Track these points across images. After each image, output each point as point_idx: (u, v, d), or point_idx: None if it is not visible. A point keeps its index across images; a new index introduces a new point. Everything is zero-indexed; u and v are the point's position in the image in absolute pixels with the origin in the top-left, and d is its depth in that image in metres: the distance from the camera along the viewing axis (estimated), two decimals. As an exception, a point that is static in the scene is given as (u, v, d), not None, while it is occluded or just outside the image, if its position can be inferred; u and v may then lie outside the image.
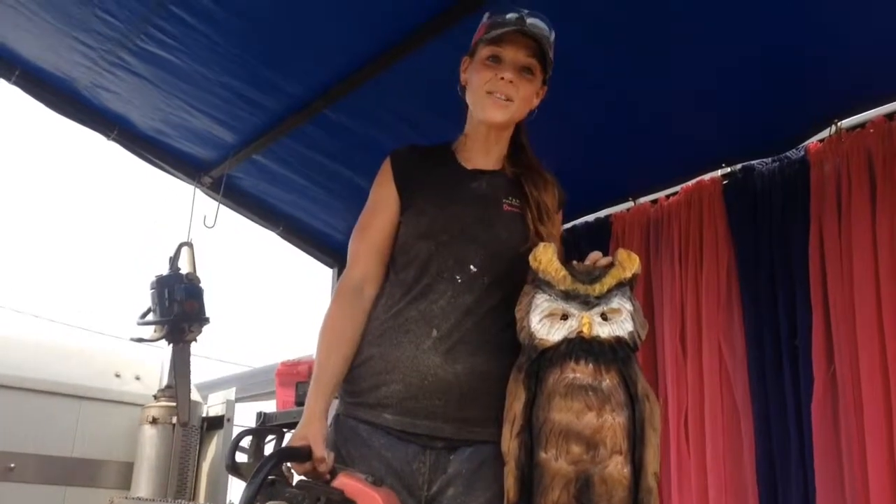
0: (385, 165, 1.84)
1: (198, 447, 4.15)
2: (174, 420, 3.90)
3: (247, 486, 1.47)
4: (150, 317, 3.57)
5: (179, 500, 2.51)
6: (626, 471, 1.52)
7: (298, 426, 1.59)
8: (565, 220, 2.08)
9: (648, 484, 1.52)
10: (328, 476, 1.54)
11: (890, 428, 2.40)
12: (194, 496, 3.90)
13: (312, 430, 1.57)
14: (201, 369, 5.36)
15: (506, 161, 1.85)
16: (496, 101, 1.75)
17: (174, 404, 3.89)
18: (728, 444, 2.84)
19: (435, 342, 1.65)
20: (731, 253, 2.93)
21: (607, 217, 3.42)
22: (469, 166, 1.83)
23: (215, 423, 4.32)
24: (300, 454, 1.54)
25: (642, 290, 3.13)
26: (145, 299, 3.63)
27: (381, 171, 1.84)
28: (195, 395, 4.26)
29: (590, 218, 3.49)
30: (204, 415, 4.25)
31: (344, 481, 1.52)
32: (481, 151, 1.84)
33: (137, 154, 3.65)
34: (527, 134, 1.90)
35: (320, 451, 1.55)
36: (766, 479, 2.74)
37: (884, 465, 2.38)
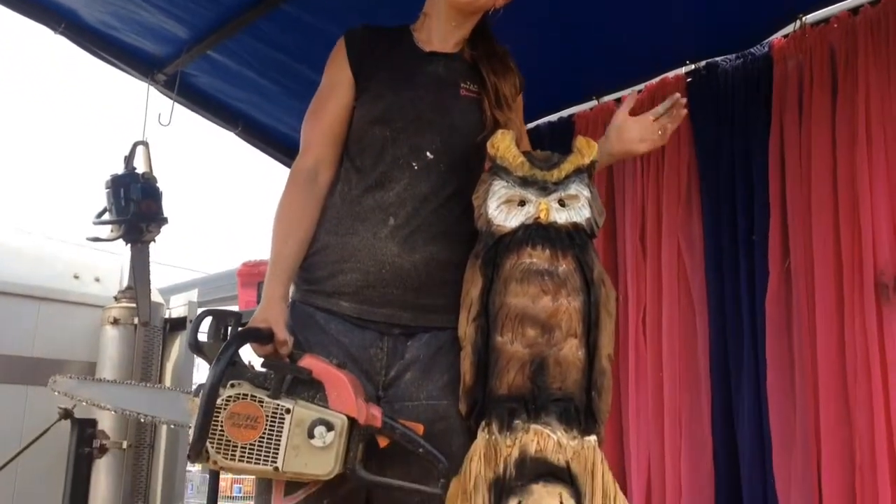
0: (338, 46, 1.79)
1: (161, 348, 4.16)
2: (136, 321, 3.89)
3: (212, 367, 1.47)
4: (107, 216, 3.50)
5: (129, 381, 2.51)
6: (581, 353, 1.54)
7: (258, 310, 1.59)
8: (528, 120, 2.06)
9: (602, 366, 1.55)
10: (288, 359, 1.55)
11: (841, 321, 2.46)
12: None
13: (273, 313, 1.57)
14: (162, 276, 5.32)
15: (466, 44, 1.80)
16: None
17: (135, 305, 3.88)
18: (683, 340, 2.90)
19: (392, 230, 1.64)
20: (691, 150, 2.93)
21: (570, 117, 3.39)
22: (427, 48, 1.78)
23: (178, 325, 4.32)
24: (262, 335, 1.54)
25: (604, 189, 3.13)
26: (101, 199, 3.56)
27: (335, 52, 1.79)
28: (156, 297, 4.25)
29: (553, 118, 3.45)
30: (166, 316, 4.24)
31: (311, 362, 1.53)
32: (440, 33, 1.79)
33: (87, 49, 3.51)
34: (490, 27, 1.85)
35: (282, 333, 1.55)
36: (719, 373, 2.82)
37: (833, 357, 2.45)
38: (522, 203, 1.57)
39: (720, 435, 2.79)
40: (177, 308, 4.37)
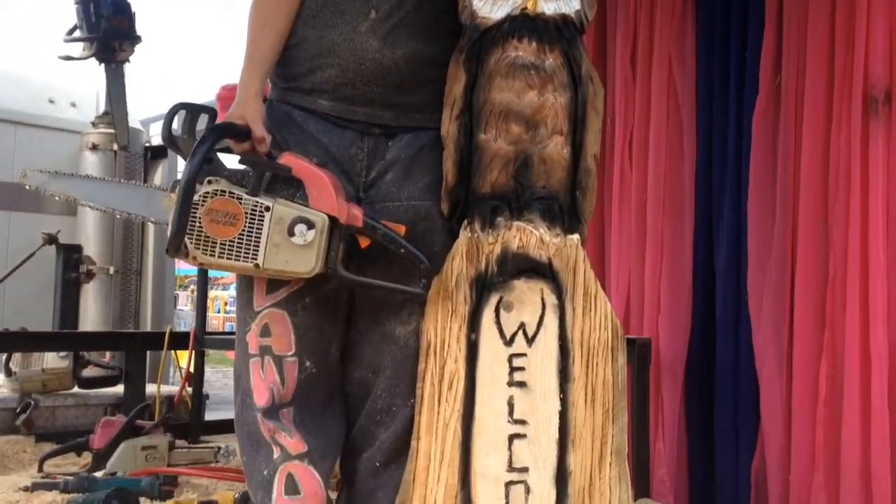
0: None
1: (142, 175, 4.13)
2: (115, 147, 3.83)
3: (188, 163, 1.43)
4: (77, 34, 3.37)
5: (104, 177, 2.49)
6: (566, 152, 1.51)
7: (234, 106, 1.53)
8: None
9: (588, 165, 1.53)
10: (267, 157, 1.51)
11: (827, 135, 2.43)
12: (142, 223, 3.92)
13: (250, 110, 1.52)
14: (141, 107, 5.20)
15: None
16: None
17: (113, 131, 3.80)
18: (670, 162, 2.88)
19: (373, 24, 1.56)
20: (688, -38, 2.80)
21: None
22: None
23: (159, 153, 4.27)
24: (239, 131, 1.50)
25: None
26: (71, 16, 3.41)
27: None
28: (136, 124, 4.17)
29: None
30: (147, 143, 4.18)
31: (290, 159, 1.49)
32: None
33: None
34: None
35: (260, 130, 1.51)
36: (704, 195, 2.82)
37: (816, 172, 2.44)
38: (509, -9, 1.49)
39: (701, 257, 2.82)
40: (157, 136, 4.30)
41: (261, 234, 1.46)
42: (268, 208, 1.46)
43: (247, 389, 1.60)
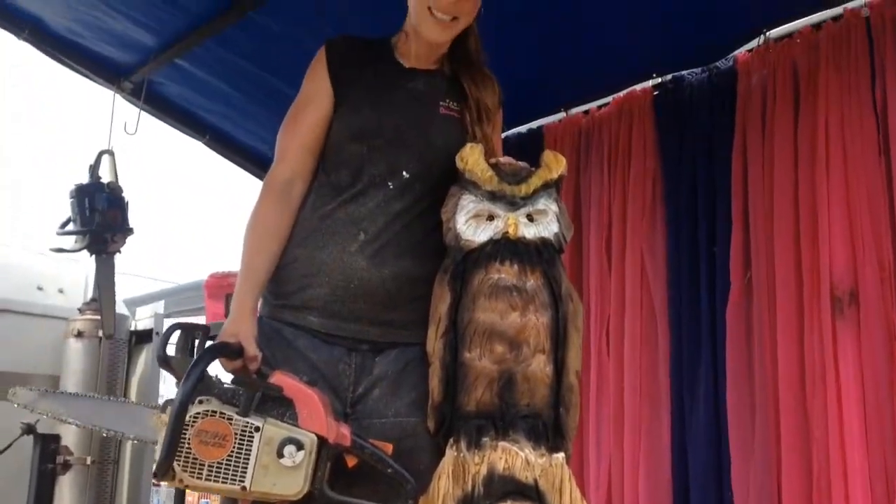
0: (319, 55, 1.77)
1: (126, 361, 4.10)
2: (100, 334, 3.82)
3: (181, 384, 1.45)
4: (71, 227, 3.45)
5: (92, 394, 2.47)
6: (549, 369, 1.55)
7: (227, 322, 1.57)
8: (499, 131, 2.07)
9: (570, 382, 1.56)
10: (257, 375, 1.53)
11: (800, 333, 2.48)
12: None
13: (243, 328, 1.55)
14: (128, 286, 5.26)
15: (445, 58, 1.79)
16: (438, 21, 1.67)
17: (100, 317, 3.81)
18: (645, 351, 2.92)
19: (362, 245, 1.64)
20: (656, 162, 2.96)
21: (539, 128, 3.40)
22: (407, 64, 1.78)
23: (144, 338, 4.26)
24: (232, 351, 1.53)
25: (571, 200, 3.15)
26: (65, 209, 3.51)
27: (315, 62, 1.77)
28: (122, 309, 4.19)
29: (522, 129, 3.47)
30: (132, 329, 4.18)
31: (281, 379, 1.51)
32: (420, 51, 1.78)
33: (52, 56, 3.45)
34: (476, 34, 1.82)
35: (252, 349, 1.54)
36: (679, 384, 2.83)
37: (793, 369, 2.47)
38: (491, 218, 1.58)
39: (679, 445, 2.80)
40: (143, 320, 4.31)
41: (250, 455, 1.45)
42: (258, 429, 1.46)
43: None
